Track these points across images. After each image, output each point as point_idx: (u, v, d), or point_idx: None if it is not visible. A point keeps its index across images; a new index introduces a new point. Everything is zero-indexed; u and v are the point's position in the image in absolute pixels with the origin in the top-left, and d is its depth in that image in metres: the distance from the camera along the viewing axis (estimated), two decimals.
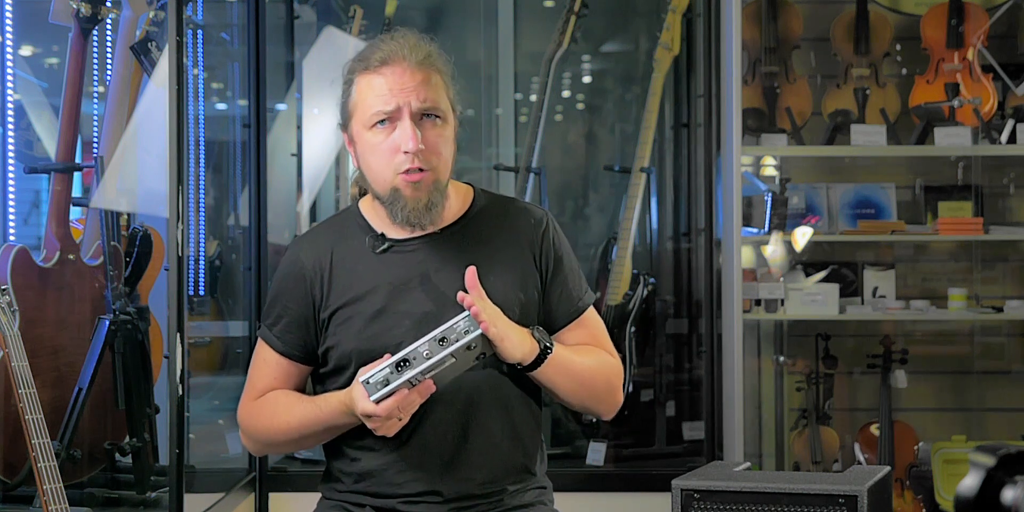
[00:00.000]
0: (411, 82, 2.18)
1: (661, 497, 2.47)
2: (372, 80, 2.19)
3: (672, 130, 4.67)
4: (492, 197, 2.36)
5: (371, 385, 2.04)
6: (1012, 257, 4.49)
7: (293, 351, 2.29)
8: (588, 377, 2.27)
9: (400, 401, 2.06)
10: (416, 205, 2.19)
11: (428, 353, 2.03)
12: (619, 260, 4.20)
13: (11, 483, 2.99)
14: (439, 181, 2.20)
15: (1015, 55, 4.43)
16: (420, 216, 2.20)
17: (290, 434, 2.25)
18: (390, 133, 2.18)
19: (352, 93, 2.22)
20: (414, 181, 2.17)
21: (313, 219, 4.51)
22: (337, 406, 2.17)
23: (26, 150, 3.39)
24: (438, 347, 2.04)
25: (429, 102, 2.19)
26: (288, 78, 4.52)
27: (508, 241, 2.29)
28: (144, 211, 3.55)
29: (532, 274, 2.28)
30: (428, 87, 2.19)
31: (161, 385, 3.32)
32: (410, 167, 2.17)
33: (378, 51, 2.20)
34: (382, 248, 2.26)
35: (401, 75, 2.17)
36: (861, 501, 2.16)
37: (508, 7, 4.70)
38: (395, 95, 2.17)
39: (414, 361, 2.03)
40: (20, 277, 3.00)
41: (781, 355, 4.38)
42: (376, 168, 2.20)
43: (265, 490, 3.94)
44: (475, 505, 2.24)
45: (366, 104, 2.19)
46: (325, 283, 2.26)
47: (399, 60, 2.18)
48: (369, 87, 2.19)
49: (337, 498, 2.30)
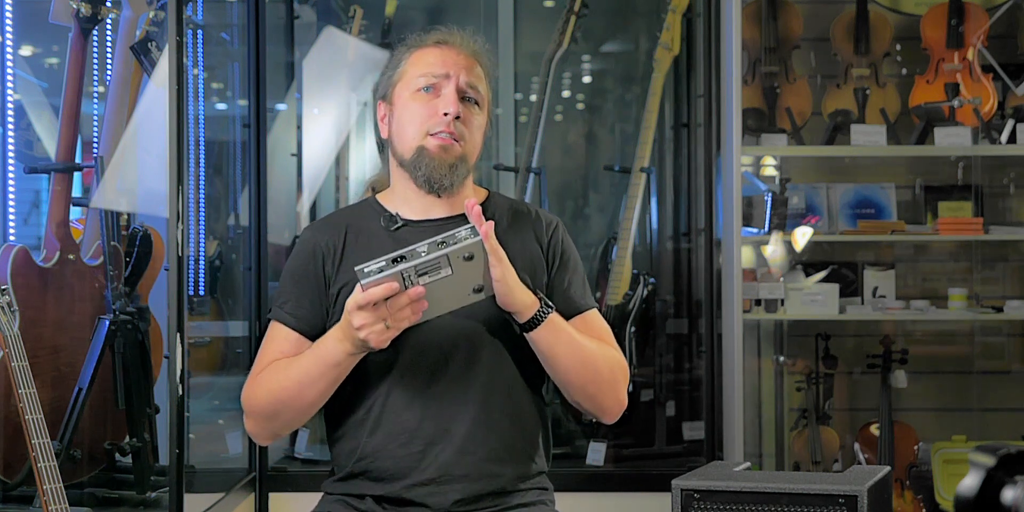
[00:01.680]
0: (463, 60, 2.30)
1: (661, 497, 2.47)
2: (425, 53, 2.31)
3: (672, 130, 4.67)
4: (507, 199, 2.43)
5: (364, 273, 2.01)
6: (1012, 257, 4.49)
7: (305, 327, 2.27)
8: (589, 356, 2.25)
9: (387, 292, 2.01)
10: (441, 163, 2.25)
11: (425, 253, 2.02)
12: (619, 260, 4.20)
13: (11, 483, 2.99)
14: (465, 156, 2.28)
15: (1015, 55, 4.43)
16: (441, 175, 2.25)
17: (291, 390, 2.19)
18: (432, 99, 2.27)
19: (402, 64, 2.33)
20: (444, 144, 2.25)
21: (313, 219, 4.51)
22: (332, 334, 2.15)
23: (26, 150, 3.39)
24: (436, 249, 2.02)
25: (475, 82, 2.30)
26: (288, 78, 4.52)
27: (518, 236, 2.33)
28: (144, 211, 3.55)
29: (541, 265, 2.32)
30: (475, 73, 2.31)
31: (161, 385, 3.32)
32: (443, 130, 2.24)
33: (434, 34, 2.34)
34: (396, 226, 2.30)
35: (455, 54, 2.31)
36: (861, 501, 2.16)
37: (508, 7, 4.71)
38: (447, 64, 2.29)
39: (410, 258, 2.01)
40: (20, 277, 3.00)
41: (781, 355, 4.38)
42: (410, 128, 2.27)
43: (265, 490, 3.94)
44: (478, 492, 2.23)
45: (416, 70, 2.30)
46: (337, 259, 2.29)
47: (453, 43, 2.32)
48: (421, 58, 2.31)
49: (339, 492, 2.30)
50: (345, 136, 4.53)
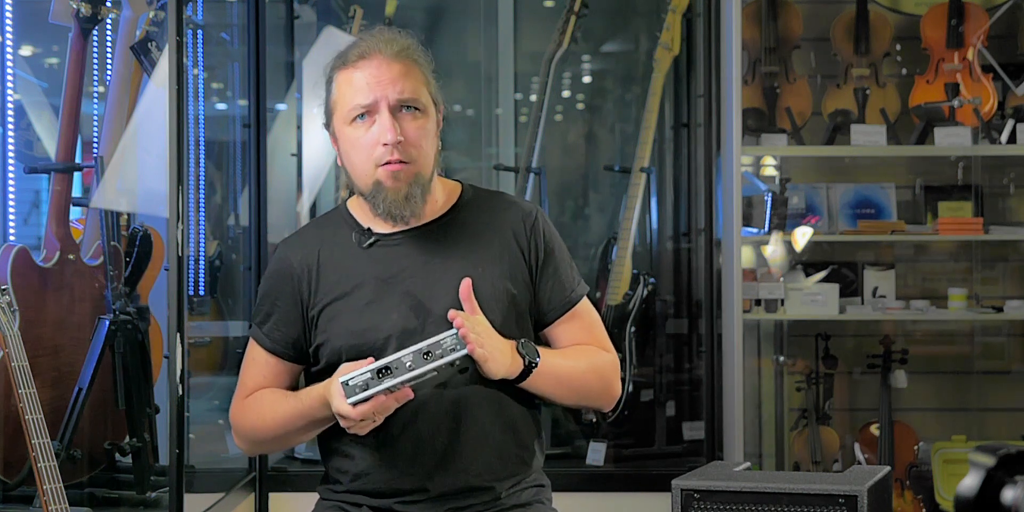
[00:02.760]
0: (388, 74, 2.18)
1: (661, 497, 2.48)
2: (350, 75, 2.20)
3: (672, 130, 4.67)
4: (480, 192, 2.36)
5: (349, 387, 2.04)
6: (1012, 257, 4.49)
7: (282, 349, 2.29)
8: (580, 381, 2.28)
9: (376, 406, 2.06)
10: (396, 196, 2.18)
11: (411, 365, 2.04)
12: (619, 260, 4.20)
13: (11, 483, 2.98)
14: (420, 174, 2.21)
15: (1015, 55, 4.43)
16: (400, 207, 2.20)
17: (276, 430, 2.25)
18: (369, 127, 2.19)
19: (332, 91, 2.23)
20: (394, 171, 2.17)
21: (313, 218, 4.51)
22: (317, 398, 2.17)
23: (26, 150, 3.39)
24: (422, 360, 2.04)
25: (407, 93, 2.19)
26: (288, 78, 4.52)
27: (496, 234, 2.29)
28: (144, 211, 3.54)
29: (521, 267, 2.27)
30: (406, 79, 2.19)
31: (161, 385, 3.32)
32: (390, 159, 2.17)
33: (355, 48, 2.21)
34: (368, 242, 2.27)
35: (378, 67, 2.18)
36: (861, 501, 2.16)
37: (508, 7, 4.70)
38: (372, 88, 2.17)
39: (396, 370, 2.04)
40: (20, 277, 3.00)
41: (781, 355, 4.38)
42: (357, 163, 2.21)
43: (265, 490, 3.94)
44: (471, 505, 2.23)
45: (345, 99, 2.20)
46: (313, 280, 2.27)
47: (375, 53, 2.19)
48: (347, 82, 2.20)
49: (335, 499, 2.30)
50: None
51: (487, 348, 2.10)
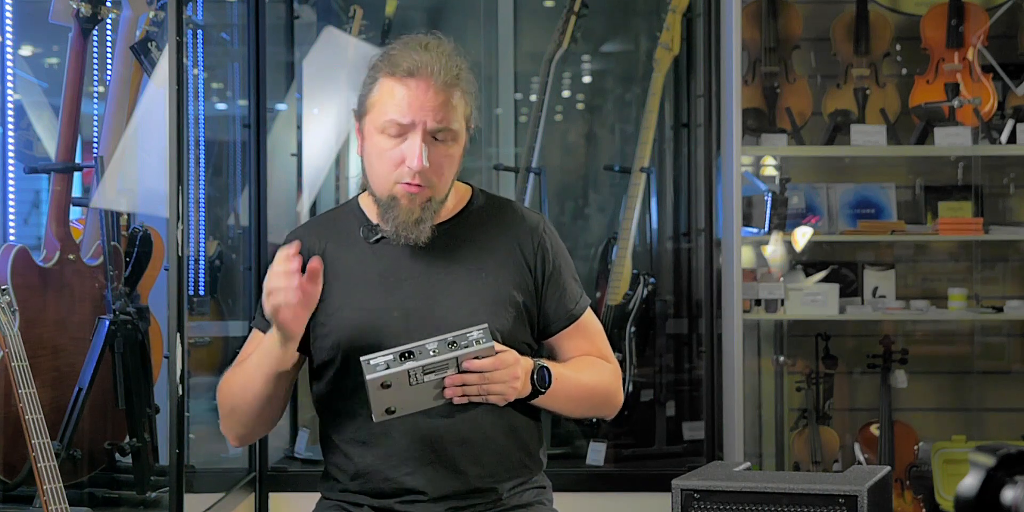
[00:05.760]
0: (432, 102, 2.16)
1: (661, 497, 2.47)
2: (395, 87, 2.17)
3: (672, 130, 4.67)
4: (490, 198, 2.37)
5: (371, 366, 2.04)
6: (1012, 257, 4.49)
7: None
8: (586, 396, 2.30)
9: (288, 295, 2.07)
10: (408, 217, 2.19)
11: (435, 352, 2.05)
12: (619, 260, 4.20)
13: (11, 483, 2.99)
14: (434, 199, 2.21)
15: (1015, 55, 4.43)
16: (409, 230, 2.20)
17: (241, 384, 2.23)
18: (399, 143, 2.18)
19: (373, 90, 2.21)
20: (411, 193, 2.18)
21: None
22: (269, 338, 2.17)
23: (26, 150, 3.39)
24: (447, 349, 2.06)
25: (444, 123, 2.17)
26: (288, 78, 4.52)
27: (503, 242, 2.29)
28: (144, 211, 3.55)
29: (527, 278, 2.28)
30: (447, 108, 2.17)
31: (161, 385, 3.32)
32: (410, 182, 2.18)
33: (408, 58, 2.17)
34: (375, 238, 2.28)
35: (424, 92, 2.16)
36: (861, 501, 2.16)
37: (508, 7, 4.70)
38: (413, 111, 2.16)
39: (418, 355, 2.05)
40: (20, 277, 3.00)
41: (781, 355, 4.38)
42: (379, 170, 2.21)
43: (265, 490, 3.94)
44: (472, 505, 2.24)
45: (384, 109, 2.18)
46: None
47: (426, 76, 2.16)
48: (390, 93, 2.18)
49: (336, 498, 2.30)
50: (345, 136, 4.53)
51: (510, 396, 2.13)
